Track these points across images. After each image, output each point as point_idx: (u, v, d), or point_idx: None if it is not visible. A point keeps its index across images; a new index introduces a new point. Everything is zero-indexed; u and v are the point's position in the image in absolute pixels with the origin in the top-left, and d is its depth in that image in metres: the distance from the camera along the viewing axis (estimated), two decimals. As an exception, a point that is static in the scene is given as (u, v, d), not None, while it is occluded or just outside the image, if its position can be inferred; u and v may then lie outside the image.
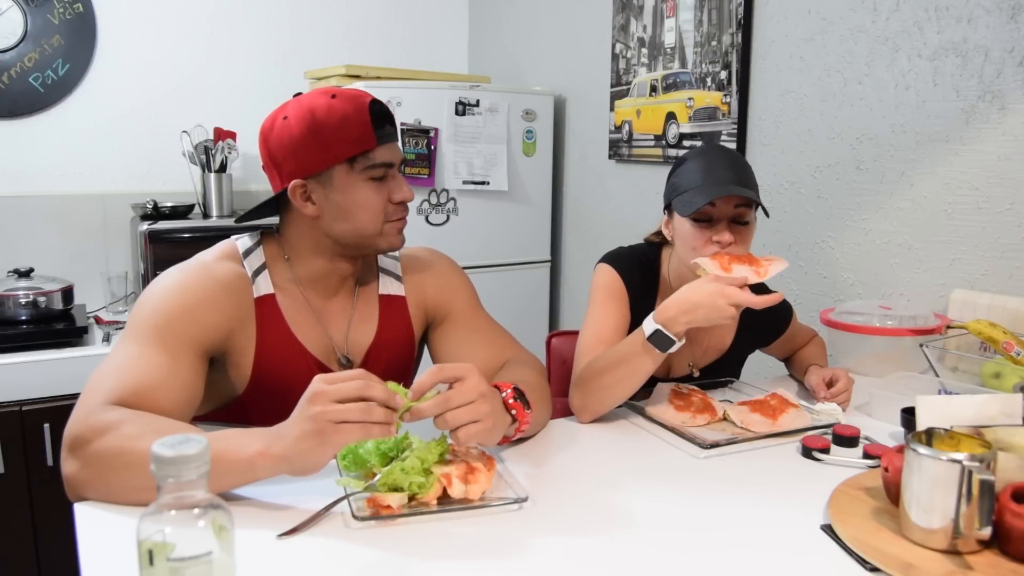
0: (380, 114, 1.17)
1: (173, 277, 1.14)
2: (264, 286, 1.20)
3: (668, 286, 1.46)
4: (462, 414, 0.96)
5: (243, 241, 1.23)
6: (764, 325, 1.55)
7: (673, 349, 1.22)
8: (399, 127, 2.55)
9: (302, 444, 0.89)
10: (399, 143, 1.22)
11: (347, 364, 1.25)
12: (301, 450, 0.89)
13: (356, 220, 1.17)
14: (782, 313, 1.56)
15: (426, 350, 1.39)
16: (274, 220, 1.26)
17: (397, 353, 1.30)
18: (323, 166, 1.14)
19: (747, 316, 1.48)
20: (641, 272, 1.46)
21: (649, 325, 1.22)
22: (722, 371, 1.55)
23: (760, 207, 1.32)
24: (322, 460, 0.90)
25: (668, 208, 1.41)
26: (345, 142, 1.13)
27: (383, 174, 1.18)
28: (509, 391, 1.09)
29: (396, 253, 1.34)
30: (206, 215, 2.71)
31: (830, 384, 1.40)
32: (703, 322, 1.19)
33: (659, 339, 1.21)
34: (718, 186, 1.30)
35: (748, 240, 1.36)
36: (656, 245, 1.52)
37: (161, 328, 1.07)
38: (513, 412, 1.09)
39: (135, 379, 1.01)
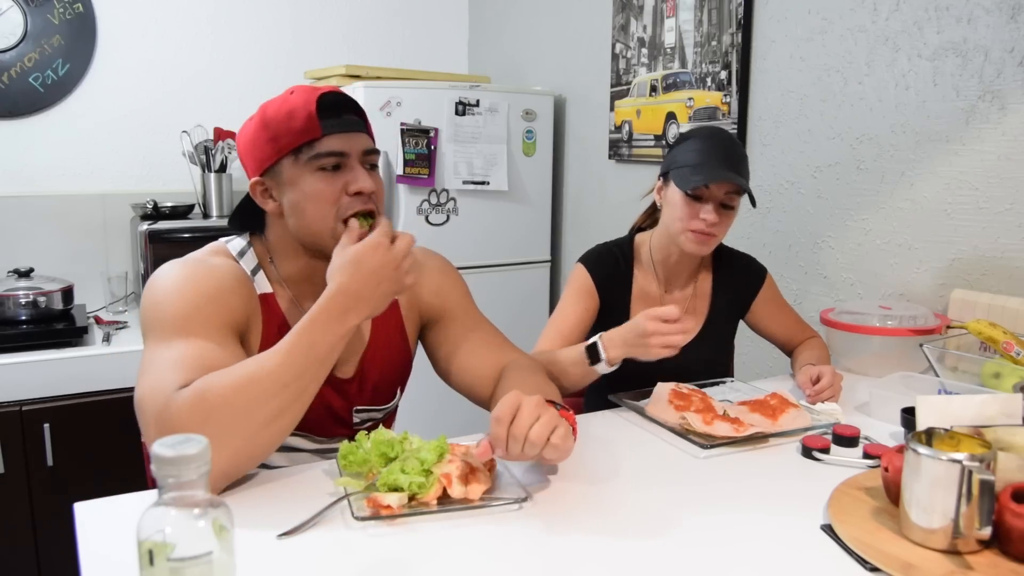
0: (334, 104, 1.13)
1: (178, 274, 1.11)
2: (263, 285, 1.19)
3: (648, 263, 1.61)
4: (541, 429, 0.94)
5: (234, 243, 1.22)
6: (737, 282, 1.64)
7: (601, 367, 1.33)
8: (399, 127, 2.55)
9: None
10: (367, 133, 1.17)
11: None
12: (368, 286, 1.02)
13: (307, 215, 1.13)
14: (753, 268, 1.67)
15: (421, 350, 1.38)
16: None
17: (392, 353, 1.29)
18: (272, 160, 1.13)
19: (720, 278, 1.63)
20: (614, 263, 1.60)
21: (593, 338, 1.34)
22: (706, 345, 1.58)
23: (750, 196, 1.43)
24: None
25: (664, 176, 1.52)
26: (290, 133, 1.11)
27: (334, 163, 1.12)
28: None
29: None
30: (206, 215, 2.70)
31: (816, 382, 1.40)
32: (635, 352, 1.29)
33: (593, 351, 1.33)
34: (716, 170, 1.43)
35: (729, 223, 1.48)
36: (632, 235, 1.66)
37: (193, 319, 1.05)
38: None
39: (195, 365, 0.99)
